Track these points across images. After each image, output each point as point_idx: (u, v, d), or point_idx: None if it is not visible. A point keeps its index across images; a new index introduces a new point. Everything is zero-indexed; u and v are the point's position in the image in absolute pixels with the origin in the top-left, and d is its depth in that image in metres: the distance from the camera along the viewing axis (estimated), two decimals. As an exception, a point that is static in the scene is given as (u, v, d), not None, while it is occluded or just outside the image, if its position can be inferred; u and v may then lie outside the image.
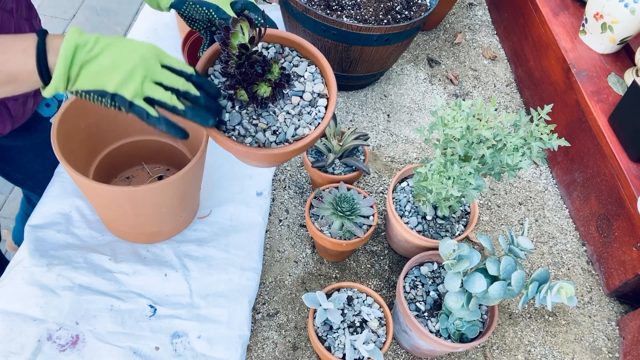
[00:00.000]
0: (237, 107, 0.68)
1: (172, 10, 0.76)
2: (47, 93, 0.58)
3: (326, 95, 0.72)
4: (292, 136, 0.68)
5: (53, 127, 0.79)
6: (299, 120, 0.69)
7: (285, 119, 0.69)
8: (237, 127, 0.68)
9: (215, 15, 0.72)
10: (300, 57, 0.74)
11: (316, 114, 0.70)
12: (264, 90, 0.66)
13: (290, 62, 0.73)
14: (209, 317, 0.89)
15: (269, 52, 0.73)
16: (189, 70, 0.63)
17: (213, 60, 0.71)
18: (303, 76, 0.72)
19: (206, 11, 0.72)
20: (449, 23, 1.60)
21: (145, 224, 0.90)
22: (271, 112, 0.69)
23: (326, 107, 0.71)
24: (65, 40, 0.56)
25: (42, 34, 0.58)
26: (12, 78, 0.58)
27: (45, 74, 0.57)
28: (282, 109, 0.70)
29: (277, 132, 0.68)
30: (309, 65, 0.74)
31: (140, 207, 0.84)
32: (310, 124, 0.69)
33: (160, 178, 1.00)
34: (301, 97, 0.71)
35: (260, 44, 0.72)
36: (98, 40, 0.58)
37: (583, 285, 1.08)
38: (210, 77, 0.70)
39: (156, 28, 1.33)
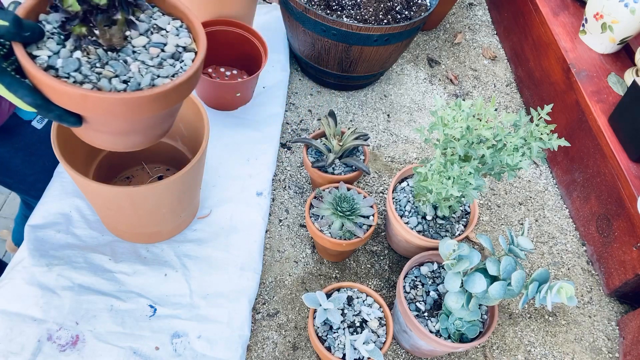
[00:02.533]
0: (72, 46, 0.58)
1: None
2: None
3: (194, 50, 0.65)
4: (149, 87, 0.59)
5: (53, 128, 0.79)
6: (158, 70, 0.61)
7: (140, 69, 0.60)
8: (72, 74, 0.57)
9: None
10: (163, 14, 0.67)
11: (181, 67, 0.63)
12: None
13: (148, 17, 0.66)
14: (209, 317, 0.89)
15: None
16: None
17: (39, 9, 0.60)
18: (165, 29, 0.65)
19: None
20: (449, 23, 1.60)
21: (145, 224, 0.90)
22: (121, 61, 0.59)
23: (193, 61, 0.63)
24: None
25: None
26: None
27: None
28: (136, 58, 0.61)
29: (128, 82, 0.58)
30: (173, 20, 0.67)
31: (140, 207, 0.84)
32: (172, 76, 0.61)
33: (160, 178, 1.00)
34: (162, 49, 0.63)
35: None
36: None
37: (583, 285, 1.08)
38: (42, 23, 0.59)
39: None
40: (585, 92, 1.13)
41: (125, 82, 0.58)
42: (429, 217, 0.96)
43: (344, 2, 1.22)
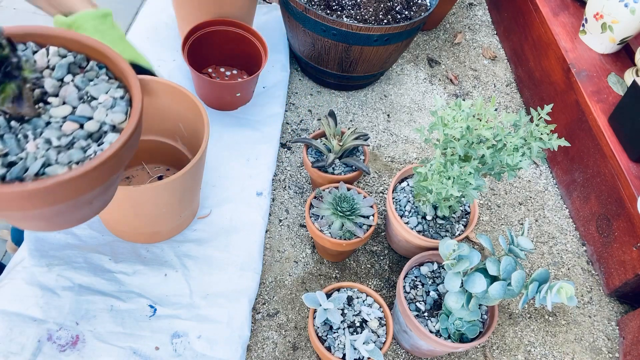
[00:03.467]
0: None
1: (172, 11, 0.76)
2: None
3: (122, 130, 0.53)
4: (36, 174, 0.48)
5: None
6: (58, 154, 0.50)
7: (38, 149, 0.49)
8: None
9: None
10: (110, 78, 0.57)
11: (94, 152, 0.51)
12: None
13: (88, 80, 0.56)
14: (209, 317, 0.89)
15: (61, 61, 0.56)
16: None
17: None
18: (97, 99, 0.55)
19: None
20: (449, 23, 1.60)
21: (145, 224, 0.90)
22: (21, 135, 0.50)
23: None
24: None
25: None
26: None
27: None
28: (40, 134, 0.50)
29: (13, 163, 0.48)
30: (116, 88, 0.56)
31: (140, 207, 0.84)
32: (77, 163, 0.50)
33: (160, 178, 1.00)
34: (81, 125, 0.52)
35: (55, 49, 0.57)
36: None
37: (583, 285, 1.08)
38: None
39: (156, 28, 1.33)
40: (585, 92, 1.13)
41: (7, 166, 0.48)
42: (429, 217, 0.96)
43: (344, 2, 1.22)
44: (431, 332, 0.84)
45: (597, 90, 1.14)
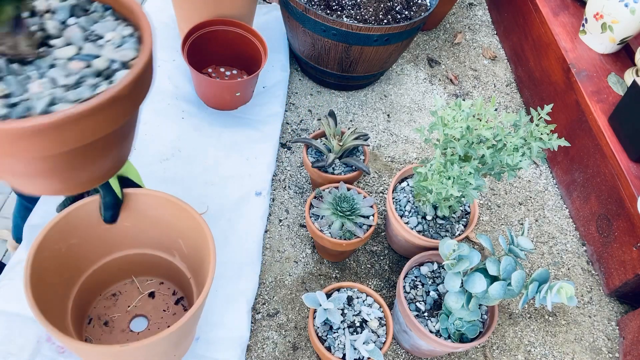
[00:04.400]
0: None
1: (172, 10, 0.75)
2: None
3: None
4: (41, 113, 0.45)
5: (25, 275, 0.66)
6: (65, 92, 0.47)
7: (43, 89, 0.47)
8: None
9: None
10: (117, 19, 0.55)
11: (102, 91, 0.48)
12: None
13: (93, 21, 0.54)
14: (208, 318, 0.89)
15: (63, 4, 0.54)
16: None
17: None
18: (105, 37, 0.53)
19: None
20: (449, 23, 1.60)
21: None
22: (24, 76, 0.48)
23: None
24: None
25: None
26: None
27: None
28: (43, 74, 0.48)
29: (16, 104, 0.46)
30: (125, 27, 0.54)
31: None
32: (84, 102, 0.46)
33: (151, 294, 0.88)
34: (89, 64, 0.50)
35: None
36: None
37: (583, 285, 1.08)
38: None
39: (156, 28, 1.33)
40: (585, 92, 1.13)
41: (10, 106, 0.45)
42: (429, 217, 0.96)
43: (344, 2, 1.22)
44: (431, 332, 0.83)
45: (597, 90, 1.14)
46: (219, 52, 1.22)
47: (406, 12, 1.23)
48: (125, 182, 0.75)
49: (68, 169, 0.52)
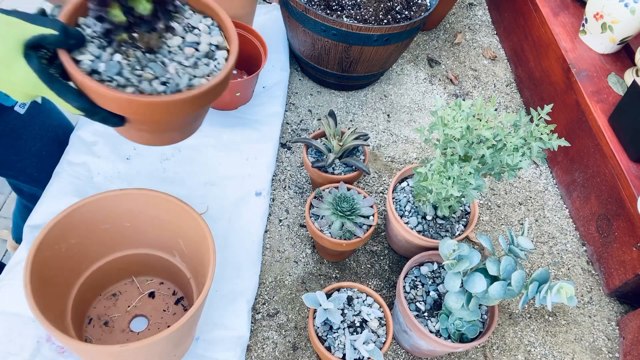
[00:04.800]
0: (113, 50, 0.60)
1: None
2: None
3: (226, 48, 0.67)
4: (187, 87, 0.60)
5: (25, 274, 0.67)
6: (194, 70, 0.63)
7: (177, 70, 0.62)
8: (115, 77, 0.59)
9: None
10: (194, 12, 0.68)
11: (215, 66, 0.64)
12: (144, 6, 0.58)
13: (182, 16, 0.68)
14: (208, 318, 0.89)
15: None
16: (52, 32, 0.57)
17: (78, 14, 0.62)
18: (197, 27, 0.67)
19: None
20: (449, 23, 1.60)
21: None
22: (159, 62, 0.62)
23: (226, 60, 0.65)
24: None
25: None
26: None
27: None
28: (172, 59, 0.63)
29: (167, 83, 0.60)
30: (204, 18, 0.68)
31: None
32: (208, 76, 0.63)
33: (151, 294, 0.89)
34: (196, 48, 0.65)
35: None
36: None
37: (583, 285, 1.08)
38: (81, 27, 0.62)
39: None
40: (585, 92, 1.13)
41: (164, 83, 0.60)
42: (429, 217, 0.96)
43: (344, 2, 1.22)
44: (431, 332, 0.83)
45: (597, 90, 1.14)
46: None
47: (406, 12, 1.23)
48: None
49: (188, 124, 0.70)
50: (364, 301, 0.86)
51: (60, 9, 0.62)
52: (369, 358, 0.79)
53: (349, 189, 0.97)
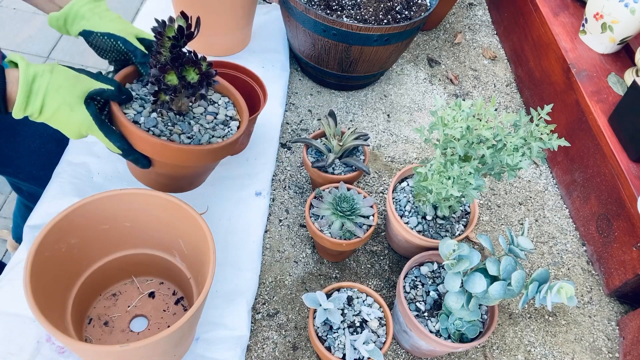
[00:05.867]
0: (151, 109, 0.77)
1: (172, 11, 0.77)
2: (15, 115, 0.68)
3: (238, 119, 0.87)
4: (206, 143, 0.78)
5: (27, 262, 0.68)
6: (213, 132, 0.81)
7: (200, 129, 0.80)
8: (152, 128, 0.75)
9: (123, 47, 0.79)
10: (214, 92, 0.89)
11: (228, 131, 0.83)
12: (192, 76, 0.72)
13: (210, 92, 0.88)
14: (208, 318, 0.89)
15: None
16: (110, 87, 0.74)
17: (127, 80, 0.81)
18: (217, 102, 0.87)
19: (114, 43, 0.79)
20: (449, 23, 1.60)
21: None
22: (187, 123, 0.79)
23: (238, 128, 0.85)
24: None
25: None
26: None
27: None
28: (197, 122, 0.81)
29: (192, 138, 0.78)
30: (222, 96, 0.89)
31: None
32: (222, 138, 0.81)
33: (151, 294, 0.89)
34: (215, 117, 0.84)
35: None
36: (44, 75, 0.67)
37: (583, 285, 1.08)
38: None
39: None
40: (585, 92, 1.13)
41: (189, 137, 0.78)
42: (429, 217, 0.96)
43: (344, 2, 1.22)
44: (431, 332, 0.84)
45: (597, 90, 1.14)
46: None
47: (406, 12, 1.23)
48: (146, 42, 0.83)
49: (198, 176, 0.89)
50: (364, 301, 0.86)
51: (113, 74, 0.80)
52: (369, 358, 0.79)
53: (349, 189, 0.97)
